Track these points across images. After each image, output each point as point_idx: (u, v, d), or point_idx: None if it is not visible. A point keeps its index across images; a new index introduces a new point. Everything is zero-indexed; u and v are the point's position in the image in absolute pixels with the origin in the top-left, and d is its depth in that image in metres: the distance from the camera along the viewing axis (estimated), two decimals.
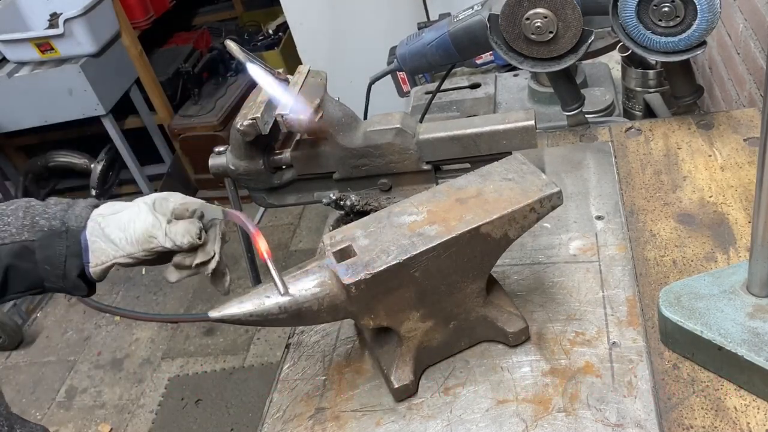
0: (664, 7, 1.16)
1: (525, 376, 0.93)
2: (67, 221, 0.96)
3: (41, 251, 0.94)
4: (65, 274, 0.95)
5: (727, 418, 0.83)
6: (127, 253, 0.93)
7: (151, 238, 0.92)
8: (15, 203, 0.98)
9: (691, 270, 1.03)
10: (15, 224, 0.95)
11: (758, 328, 0.84)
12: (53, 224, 0.96)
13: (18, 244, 0.94)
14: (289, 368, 1.06)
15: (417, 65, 1.45)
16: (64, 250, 0.94)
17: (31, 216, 0.96)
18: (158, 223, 0.93)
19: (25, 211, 0.96)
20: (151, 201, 0.96)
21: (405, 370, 0.93)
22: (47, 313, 3.52)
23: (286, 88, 1.11)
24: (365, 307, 0.88)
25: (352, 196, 1.21)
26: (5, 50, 3.24)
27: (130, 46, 3.49)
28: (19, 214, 0.96)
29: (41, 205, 0.98)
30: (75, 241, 0.95)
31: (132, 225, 0.93)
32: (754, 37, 1.46)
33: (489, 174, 0.96)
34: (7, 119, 3.35)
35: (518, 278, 1.08)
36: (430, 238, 0.87)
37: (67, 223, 0.96)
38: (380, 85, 1.54)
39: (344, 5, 2.99)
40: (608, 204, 1.19)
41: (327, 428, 0.94)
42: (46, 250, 0.94)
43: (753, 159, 1.20)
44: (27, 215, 0.96)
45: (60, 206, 0.98)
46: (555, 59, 1.28)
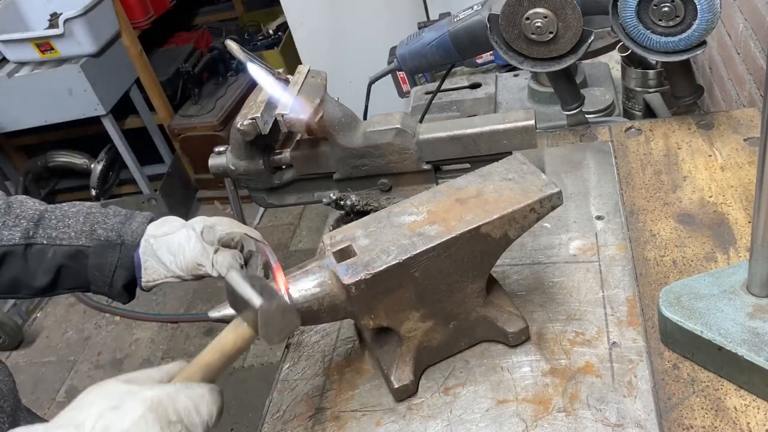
0: (664, 7, 1.16)
1: (525, 376, 0.93)
2: (123, 235, 1.02)
3: (94, 258, 1.01)
4: (112, 282, 1.02)
5: (727, 418, 0.83)
6: (176, 275, 1.00)
7: (199, 266, 0.97)
8: (77, 206, 1.05)
9: (691, 270, 1.03)
10: (75, 228, 1.02)
11: (758, 328, 0.84)
12: (110, 235, 1.02)
13: (74, 248, 1.01)
14: (289, 368, 1.06)
15: (417, 65, 1.45)
16: (115, 261, 1.01)
17: (90, 223, 1.02)
18: (206, 252, 0.97)
19: (85, 217, 1.03)
20: (200, 228, 1.00)
21: (405, 370, 0.93)
22: (47, 313, 3.52)
23: (286, 88, 1.11)
24: (365, 307, 0.88)
25: (352, 196, 1.21)
26: (5, 50, 3.24)
27: (130, 46, 3.50)
28: (80, 219, 1.03)
29: (102, 215, 1.04)
30: (126, 255, 1.01)
31: (182, 251, 0.98)
32: (754, 37, 1.46)
33: (489, 174, 0.96)
34: (7, 119, 3.35)
35: (518, 278, 1.08)
36: (430, 238, 0.87)
37: (123, 236, 1.02)
38: (380, 85, 1.54)
39: (344, 5, 2.99)
40: (608, 204, 1.19)
41: (327, 428, 0.94)
42: (99, 258, 1.01)
43: (753, 159, 1.20)
44: (87, 221, 1.03)
45: (118, 218, 1.04)
46: (555, 59, 1.28)
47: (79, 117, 3.33)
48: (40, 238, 1.00)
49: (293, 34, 3.18)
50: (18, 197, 1.04)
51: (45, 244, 1.00)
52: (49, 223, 1.02)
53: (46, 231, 1.01)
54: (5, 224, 1.00)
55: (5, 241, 0.99)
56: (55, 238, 1.00)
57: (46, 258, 1.00)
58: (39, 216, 1.02)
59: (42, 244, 1.00)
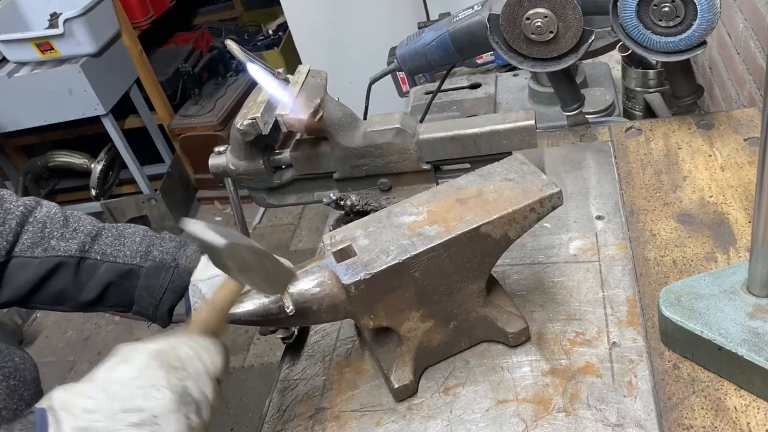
0: (664, 7, 1.16)
1: (525, 376, 0.93)
2: (178, 258, 1.03)
3: (145, 279, 1.01)
4: (159, 304, 1.02)
5: (727, 418, 0.83)
6: None
7: None
8: (134, 228, 1.06)
9: (691, 270, 1.03)
10: (131, 247, 1.02)
11: (758, 328, 0.84)
12: (165, 258, 1.03)
13: (127, 266, 1.01)
14: (289, 368, 1.06)
15: (417, 65, 1.45)
16: (166, 283, 1.01)
17: (147, 244, 1.03)
18: None
19: (142, 238, 1.04)
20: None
21: (405, 370, 0.93)
22: (47, 313, 3.51)
23: (286, 88, 1.11)
24: (365, 307, 0.88)
25: (352, 196, 1.21)
26: (5, 50, 3.23)
27: (130, 46, 3.49)
28: (137, 239, 1.04)
29: (158, 238, 1.05)
30: (179, 278, 1.02)
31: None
32: (754, 37, 1.46)
33: (489, 174, 0.96)
34: (7, 119, 3.35)
35: (518, 278, 1.08)
36: (429, 238, 0.87)
37: (178, 260, 1.03)
38: (380, 85, 1.54)
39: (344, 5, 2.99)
40: (608, 204, 1.19)
41: (327, 428, 0.94)
42: (150, 279, 1.01)
43: (753, 159, 1.20)
44: (143, 242, 1.03)
45: (174, 243, 1.05)
46: (555, 59, 1.28)
47: (79, 117, 3.33)
48: (95, 253, 1.01)
49: (293, 34, 3.18)
50: (76, 213, 1.06)
51: (98, 260, 1.01)
52: (105, 240, 1.02)
53: (101, 247, 1.02)
54: (63, 236, 1.01)
55: (61, 252, 1.00)
56: (109, 254, 1.01)
57: (97, 273, 1.01)
58: (97, 232, 1.03)
59: (95, 260, 1.01)
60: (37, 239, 1.00)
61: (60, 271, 1.00)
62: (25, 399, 0.93)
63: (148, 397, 0.67)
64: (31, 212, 1.01)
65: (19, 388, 0.91)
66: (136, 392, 0.67)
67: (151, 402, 0.67)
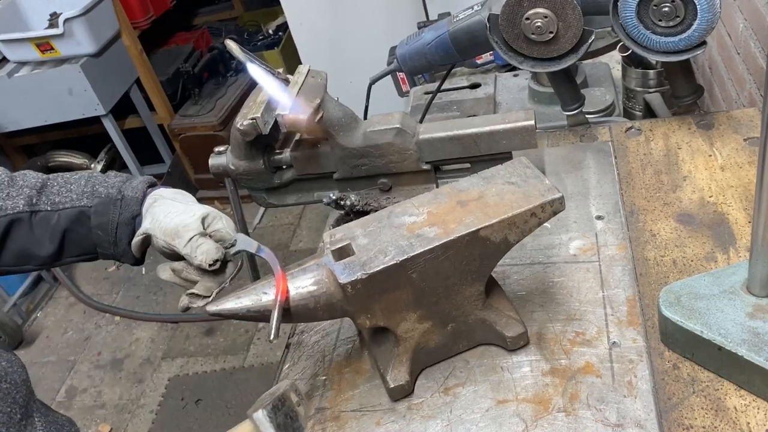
0: (664, 7, 1.16)
1: (525, 376, 0.93)
2: (124, 190, 1.01)
3: (96, 217, 1.00)
4: (116, 240, 1.01)
5: (727, 418, 0.83)
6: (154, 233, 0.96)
7: (177, 237, 0.94)
8: (79, 173, 1.05)
9: (691, 270, 1.03)
10: (76, 191, 1.02)
11: (758, 328, 0.84)
12: (110, 192, 1.01)
13: (76, 209, 1.00)
14: (289, 368, 1.06)
15: (417, 65, 1.45)
16: (116, 217, 1.00)
17: (92, 184, 1.02)
18: (192, 231, 0.94)
19: (87, 180, 1.03)
20: (206, 212, 0.98)
21: (401, 371, 0.93)
22: (47, 313, 3.52)
23: (286, 88, 1.11)
24: (362, 307, 0.87)
25: (352, 195, 1.21)
26: (5, 50, 3.23)
27: (130, 46, 3.49)
28: (82, 182, 1.03)
29: (102, 176, 1.04)
30: (128, 209, 1.00)
31: (172, 216, 0.96)
32: (754, 37, 1.45)
33: (492, 177, 0.95)
34: (7, 119, 3.35)
35: (518, 278, 1.08)
36: (428, 239, 0.87)
37: (124, 192, 1.01)
38: (380, 85, 1.54)
39: (344, 5, 2.99)
40: (608, 204, 1.19)
41: (327, 428, 0.94)
42: (100, 216, 1.00)
43: (753, 159, 1.20)
44: (88, 183, 1.02)
45: (119, 178, 1.04)
46: (555, 59, 1.28)
47: (79, 117, 3.33)
48: (44, 204, 1.01)
49: (293, 34, 3.17)
50: (21, 171, 1.05)
51: (49, 210, 1.00)
52: (51, 189, 1.02)
53: (49, 197, 1.01)
54: (9, 195, 1.00)
55: (10, 210, 0.99)
56: (58, 203, 1.01)
57: (51, 224, 1.00)
58: (42, 184, 1.02)
59: (46, 210, 1.00)
60: None
61: (14, 228, 1.00)
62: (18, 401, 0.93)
63: None
64: None
65: (12, 391, 0.91)
66: None
67: None
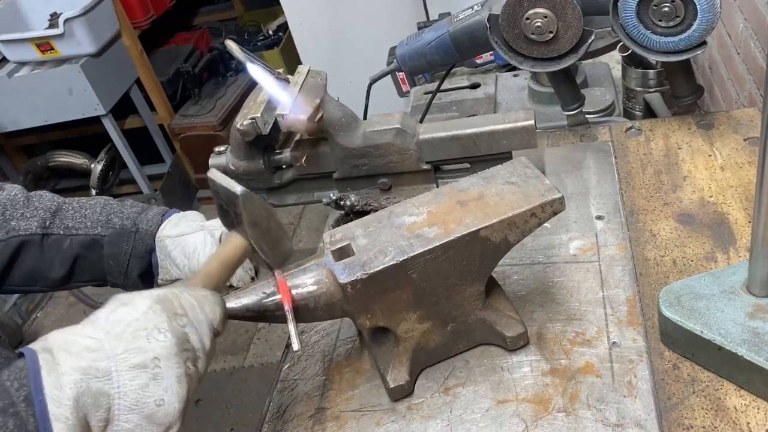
0: (664, 7, 1.16)
1: (525, 376, 0.93)
2: (138, 223, 1.02)
3: (109, 247, 1.01)
4: (127, 272, 1.02)
5: (727, 418, 0.83)
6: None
7: None
8: (95, 199, 1.06)
9: (691, 270, 1.03)
10: (91, 218, 1.02)
11: (758, 328, 0.84)
12: (125, 224, 1.02)
13: (90, 237, 1.01)
14: (289, 368, 1.06)
15: (417, 65, 1.45)
16: (129, 250, 1.01)
17: (107, 213, 1.03)
18: None
19: (102, 207, 1.04)
20: (219, 234, 1.00)
21: (401, 371, 0.93)
22: (47, 313, 3.51)
23: (286, 88, 1.11)
24: (362, 307, 0.87)
25: (352, 195, 1.22)
26: (5, 50, 3.24)
27: (130, 46, 3.49)
28: (97, 209, 1.03)
29: (118, 205, 1.05)
30: (141, 243, 1.01)
31: (196, 256, 0.99)
32: (754, 37, 1.46)
33: (492, 177, 0.95)
34: (7, 119, 3.35)
35: (518, 278, 1.08)
36: (428, 240, 0.87)
37: (138, 225, 1.02)
38: (380, 85, 1.54)
39: (344, 5, 2.99)
40: (608, 204, 1.19)
41: (327, 428, 0.94)
42: (113, 247, 1.01)
43: (753, 159, 1.20)
44: (104, 212, 1.03)
45: (135, 209, 1.05)
46: (555, 59, 1.28)
47: (79, 117, 3.33)
48: (57, 228, 1.01)
49: (293, 34, 3.18)
50: (38, 192, 1.06)
51: (61, 234, 1.01)
52: (66, 213, 1.03)
53: (63, 221, 1.02)
54: (23, 215, 1.01)
55: (22, 231, 1.00)
56: (71, 228, 1.01)
57: (62, 248, 1.01)
58: (56, 207, 1.03)
59: (58, 234, 1.01)
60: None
61: (25, 250, 1.01)
62: None
63: (151, 339, 0.67)
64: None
65: None
66: (139, 333, 0.67)
67: (154, 344, 0.66)
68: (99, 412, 0.64)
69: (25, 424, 0.61)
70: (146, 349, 0.66)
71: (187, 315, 0.71)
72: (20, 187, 1.05)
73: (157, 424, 0.66)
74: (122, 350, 0.65)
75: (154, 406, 0.66)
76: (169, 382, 0.66)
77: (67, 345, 0.65)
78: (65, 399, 0.62)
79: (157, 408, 0.66)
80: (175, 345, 0.68)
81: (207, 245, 0.99)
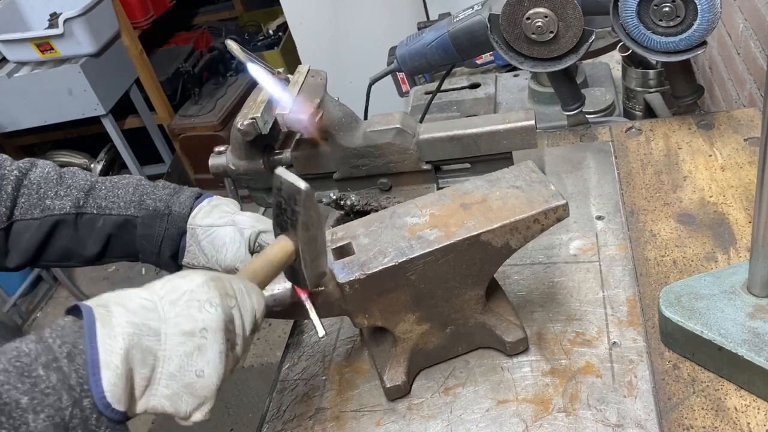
0: (665, 7, 1.16)
1: (525, 376, 0.93)
2: (171, 206, 1.03)
3: (142, 228, 1.03)
4: (159, 253, 1.04)
5: (728, 419, 0.83)
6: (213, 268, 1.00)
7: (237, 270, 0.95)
8: (127, 179, 1.07)
9: (691, 270, 1.03)
10: (124, 198, 1.03)
11: (758, 328, 0.84)
12: (158, 206, 1.03)
13: (123, 218, 1.03)
14: (289, 368, 1.06)
15: (417, 66, 1.45)
16: (162, 232, 1.02)
17: (140, 194, 1.04)
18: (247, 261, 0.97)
19: (135, 188, 1.05)
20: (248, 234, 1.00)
21: (398, 371, 0.93)
22: (47, 313, 3.51)
23: (286, 87, 1.11)
24: (359, 307, 0.87)
25: (352, 195, 1.22)
26: (5, 50, 3.23)
27: (130, 46, 3.49)
28: (130, 189, 1.04)
29: (151, 186, 1.06)
30: (173, 225, 1.02)
31: (224, 251, 1.00)
32: (754, 37, 1.46)
33: (497, 180, 0.94)
34: (7, 119, 3.35)
35: (518, 278, 1.08)
36: (428, 242, 0.86)
37: (171, 207, 1.03)
38: (380, 85, 1.54)
39: (344, 5, 2.99)
40: (608, 204, 1.19)
41: (327, 428, 0.94)
42: (146, 228, 1.02)
43: (753, 159, 1.20)
44: (136, 192, 1.04)
45: (167, 190, 1.05)
46: (555, 59, 1.28)
47: (79, 117, 3.33)
48: (90, 207, 1.02)
49: (293, 34, 3.18)
50: (71, 168, 1.07)
51: (95, 214, 1.02)
52: (99, 193, 1.04)
53: (96, 201, 1.03)
54: (57, 194, 1.02)
55: (57, 210, 1.01)
56: (104, 207, 1.03)
57: (96, 227, 1.02)
58: (90, 186, 1.04)
59: (92, 214, 1.02)
60: (33, 201, 1.02)
61: (60, 229, 1.02)
62: None
63: (203, 310, 0.68)
64: (25, 175, 1.03)
65: None
66: (192, 303, 0.68)
67: (205, 315, 0.68)
68: (144, 370, 0.65)
69: (67, 378, 0.62)
70: (197, 319, 0.67)
71: (236, 298, 0.72)
72: (52, 164, 1.07)
73: (194, 396, 0.67)
74: (174, 315, 0.67)
75: (194, 376, 0.67)
76: (212, 355, 0.68)
77: (123, 301, 0.67)
78: (117, 348, 0.63)
79: (197, 379, 0.67)
80: (222, 321, 0.69)
81: (235, 243, 1.00)
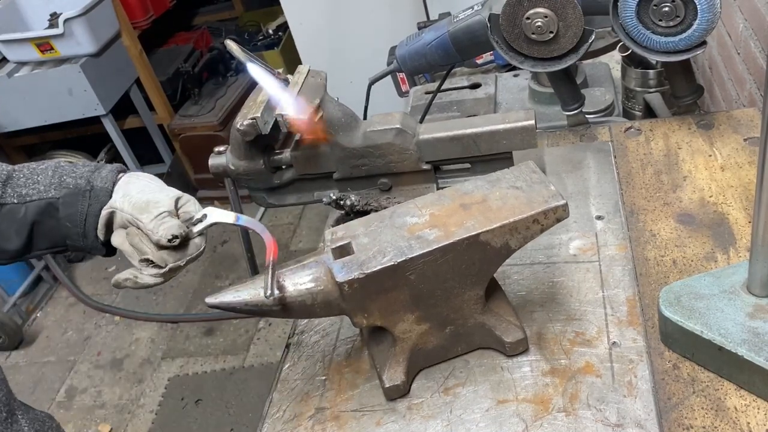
0: (664, 7, 1.16)
1: (525, 376, 0.93)
2: (93, 181, 0.97)
3: (64, 208, 0.96)
4: (85, 232, 0.97)
5: (727, 418, 0.83)
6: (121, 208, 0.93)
7: (145, 212, 0.91)
8: (46, 163, 1.02)
9: (691, 270, 1.03)
10: (43, 182, 0.98)
11: (758, 328, 0.84)
12: (79, 183, 0.97)
13: (44, 201, 0.97)
14: (289, 368, 1.06)
15: (417, 66, 1.45)
16: (85, 208, 0.96)
17: (59, 175, 0.99)
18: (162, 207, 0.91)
19: (54, 170, 0.99)
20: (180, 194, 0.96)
21: (397, 370, 0.93)
22: (47, 313, 3.52)
23: (286, 88, 1.11)
24: (359, 306, 0.87)
25: (352, 195, 1.21)
26: (5, 50, 3.24)
27: (130, 46, 3.50)
28: (49, 172, 0.99)
29: (70, 166, 1.01)
30: (97, 201, 0.96)
31: (146, 193, 0.94)
32: (754, 37, 1.46)
33: (498, 180, 0.94)
34: (7, 119, 3.35)
35: (518, 278, 1.08)
36: (427, 242, 0.86)
37: (93, 182, 0.97)
38: (380, 85, 1.54)
39: (344, 5, 2.99)
40: (608, 204, 1.19)
41: (327, 428, 0.94)
42: (69, 207, 0.96)
43: (753, 159, 1.20)
44: (56, 174, 0.99)
45: (87, 168, 1.00)
46: (555, 59, 1.28)
47: (79, 117, 3.33)
48: (10, 197, 0.97)
49: (293, 34, 3.18)
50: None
51: (15, 203, 0.97)
52: (17, 181, 0.98)
53: (15, 189, 0.97)
54: None
55: None
56: (24, 195, 0.97)
57: (17, 218, 0.97)
58: (6, 176, 0.99)
59: (12, 203, 0.97)
60: None
61: None
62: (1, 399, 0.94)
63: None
64: None
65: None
66: None
67: None
68: None
69: None
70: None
71: None
72: None
73: None
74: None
75: None
76: None
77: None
78: None
79: None
80: None
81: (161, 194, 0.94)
